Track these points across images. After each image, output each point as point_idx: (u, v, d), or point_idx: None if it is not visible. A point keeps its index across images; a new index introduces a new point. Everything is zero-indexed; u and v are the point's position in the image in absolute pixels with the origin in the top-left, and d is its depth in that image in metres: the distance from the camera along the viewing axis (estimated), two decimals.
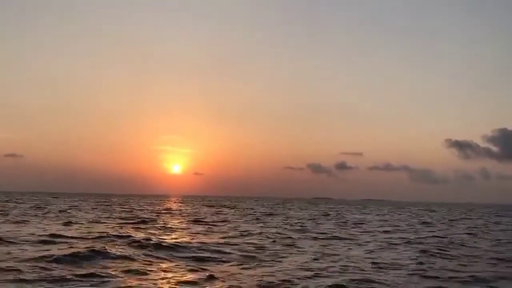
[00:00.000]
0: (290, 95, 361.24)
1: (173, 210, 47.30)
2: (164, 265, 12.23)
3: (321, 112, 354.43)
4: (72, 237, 17.25)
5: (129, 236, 17.69)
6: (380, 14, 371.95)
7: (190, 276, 10.73)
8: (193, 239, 17.98)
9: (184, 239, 17.71)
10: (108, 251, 13.44)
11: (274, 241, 18.08)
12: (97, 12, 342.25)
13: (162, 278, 10.44)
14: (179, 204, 72.31)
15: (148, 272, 11.10)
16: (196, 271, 11.41)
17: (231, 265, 12.42)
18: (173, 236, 18.93)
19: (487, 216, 57.69)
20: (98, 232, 18.91)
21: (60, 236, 17.58)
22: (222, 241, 17.59)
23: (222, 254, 14.24)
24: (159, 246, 15.25)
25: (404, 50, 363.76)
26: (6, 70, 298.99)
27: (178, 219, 31.98)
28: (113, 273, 10.69)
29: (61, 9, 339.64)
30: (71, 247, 14.27)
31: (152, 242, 15.90)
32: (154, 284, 9.81)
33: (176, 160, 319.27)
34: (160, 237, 18.21)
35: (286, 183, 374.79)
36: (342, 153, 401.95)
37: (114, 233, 18.48)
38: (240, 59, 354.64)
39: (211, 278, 10.49)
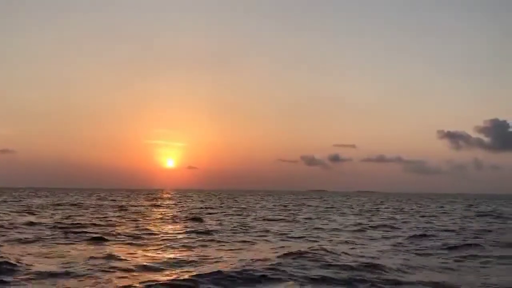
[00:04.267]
0: (283, 88, 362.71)
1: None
2: None
3: (313, 104, 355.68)
4: None
5: None
6: (371, 6, 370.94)
7: None
8: None
9: None
10: None
11: None
12: (90, 8, 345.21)
13: None
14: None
15: None
16: None
17: None
18: None
19: None
20: None
21: None
22: None
23: None
24: None
25: (396, 41, 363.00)
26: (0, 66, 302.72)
27: None
28: None
29: (55, 4, 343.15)
30: None
31: None
32: None
33: (170, 154, 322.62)
34: None
35: (280, 175, 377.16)
36: (335, 145, 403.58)
37: None
38: (232, 53, 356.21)
39: None
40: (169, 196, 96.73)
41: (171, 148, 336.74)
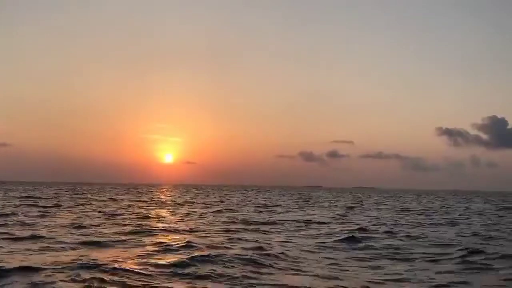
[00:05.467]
0: (282, 85, 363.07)
1: None
2: None
3: (313, 101, 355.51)
4: None
5: None
6: (371, 5, 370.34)
7: None
8: None
9: None
10: None
11: None
12: (89, 4, 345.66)
13: None
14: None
15: None
16: None
17: None
18: None
19: None
20: None
21: None
22: None
23: None
24: None
25: (396, 39, 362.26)
26: None
27: None
28: None
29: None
30: None
31: None
32: None
33: (168, 149, 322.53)
34: None
35: (278, 171, 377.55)
36: (333, 141, 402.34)
37: None
38: (231, 50, 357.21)
39: None
40: (152, 190, 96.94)
41: (169, 143, 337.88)
